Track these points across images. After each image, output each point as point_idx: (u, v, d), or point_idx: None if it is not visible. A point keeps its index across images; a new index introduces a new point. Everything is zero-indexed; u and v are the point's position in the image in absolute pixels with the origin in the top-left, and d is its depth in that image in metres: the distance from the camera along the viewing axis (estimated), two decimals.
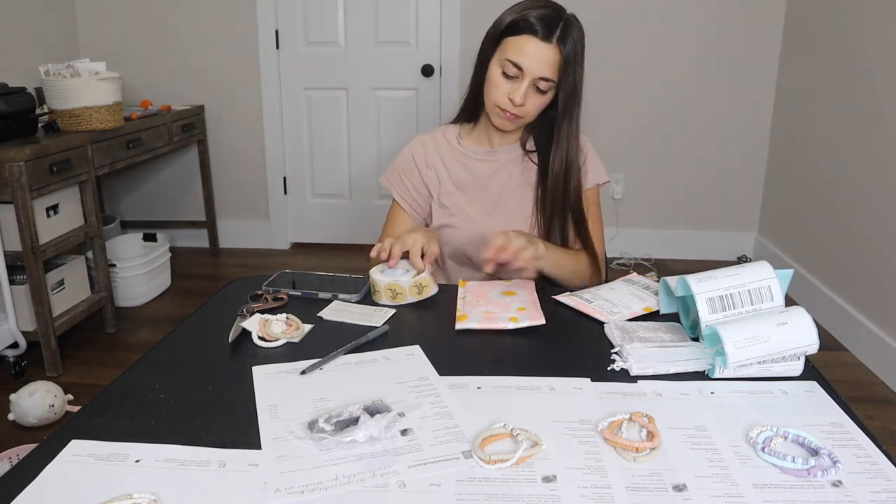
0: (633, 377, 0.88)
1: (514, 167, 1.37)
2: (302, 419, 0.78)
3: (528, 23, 1.19)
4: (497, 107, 1.26)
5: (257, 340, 0.99)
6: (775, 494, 0.66)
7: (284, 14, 3.35)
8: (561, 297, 1.13)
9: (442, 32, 3.30)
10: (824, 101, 2.77)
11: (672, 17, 3.19)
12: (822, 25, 2.81)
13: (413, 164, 1.41)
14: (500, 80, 1.24)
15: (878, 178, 2.37)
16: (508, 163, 1.37)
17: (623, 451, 0.72)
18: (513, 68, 1.21)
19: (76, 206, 2.48)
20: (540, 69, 1.20)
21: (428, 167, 1.40)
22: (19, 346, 2.30)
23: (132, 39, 3.44)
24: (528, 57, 1.19)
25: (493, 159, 1.38)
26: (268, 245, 3.69)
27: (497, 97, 1.25)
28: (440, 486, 0.68)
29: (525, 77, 1.21)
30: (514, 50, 1.20)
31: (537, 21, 1.18)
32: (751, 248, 3.47)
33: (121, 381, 0.89)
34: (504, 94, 1.24)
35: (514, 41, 1.21)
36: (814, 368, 0.91)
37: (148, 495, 0.65)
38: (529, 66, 1.20)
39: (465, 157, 1.39)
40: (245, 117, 3.51)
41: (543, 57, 1.19)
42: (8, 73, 2.88)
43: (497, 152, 1.38)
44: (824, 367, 0.96)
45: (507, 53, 1.21)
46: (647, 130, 3.36)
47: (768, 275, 0.89)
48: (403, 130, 3.48)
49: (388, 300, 1.12)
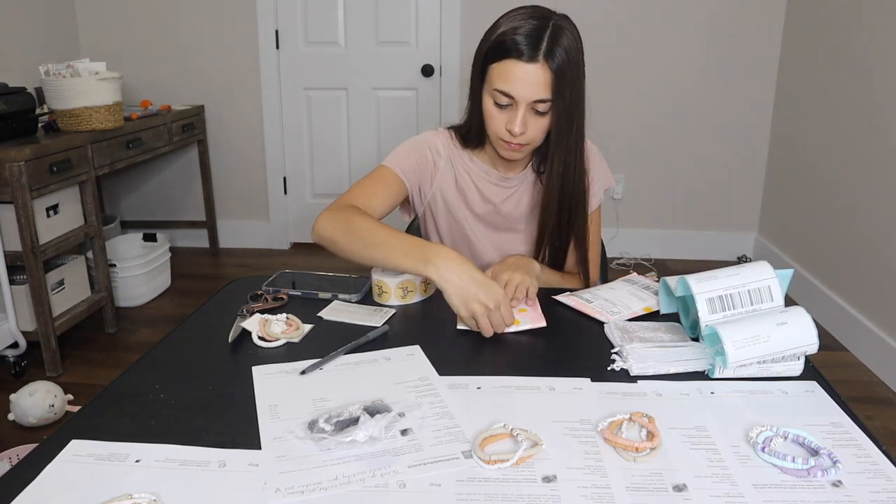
0: (633, 377, 0.88)
1: (525, 192, 1.31)
2: (302, 419, 0.78)
3: (509, 45, 1.08)
4: (500, 139, 1.17)
5: (257, 340, 0.99)
6: (775, 494, 0.66)
7: (284, 14, 3.35)
8: (561, 298, 1.13)
9: (442, 32, 3.30)
10: (824, 101, 2.77)
11: (672, 17, 3.19)
12: (822, 25, 2.81)
13: (429, 152, 1.29)
14: (495, 112, 1.14)
15: (879, 177, 2.37)
16: (520, 188, 1.31)
17: (623, 451, 0.72)
18: (503, 97, 1.11)
19: (76, 206, 2.48)
20: (532, 93, 1.09)
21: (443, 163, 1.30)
22: (19, 346, 2.30)
23: (132, 39, 3.44)
24: (515, 83, 1.09)
25: (506, 185, 1.30)
26: (268, 245, 3.69)
27: (496, 129, 1.16)
28: (440, 486, 0.68)
29: (519, 105, 1.11)
30: (500, 78, 1.10)
31: (521, 40, 1.07)
32: (751, 248, 3.47)
33: (121, 381, 0.89)
34: (502, 125, 1.15)
35: (499, 68, 1.10)
36: (814, 368, 0.91)
37: (148, 495, 0.65)
38: (519, 92, 1.09)
39: (479, 176, 1.31)
40: (245, 117, 3.51)
41: (532, 79, 1.08)
42: (8, 73, 2.88)
43: (510, 179, 1.30)
44: (824, 367, 0.96)
45: (495, 83, 1.11)
46: (647, 130, 3.36)
47: (768, 275, 0.89)
48: (403, 130, 3.48)
49: (399, 300, 1.12)
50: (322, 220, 1.16)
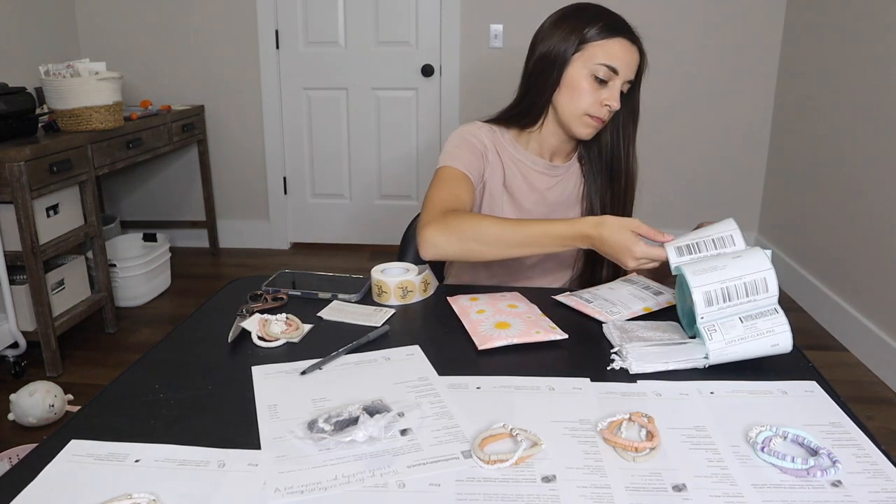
0: (633, 377, 0.88)
1: (568, 182, 1.34)
2: (302, 419, 0.78)
3: (619, 27, 1.19)
4: (587, 115, 1.21)
5: (257, 340, 0.99)
6: (775, 494, 0.66)
7: (284, 14, 3.36)
8: (561, 298, 1.13)
9: (442, 32, 3.30)
10: (824, 102, 2.77)
11: (672, 17, 3.19)
12: (823, 25, 2.81)
13: (478, 144, 1.29)
14: (589, 87, 1.19)
15: (879, 177, 2.37)
16: (565, 178, 1.33)
17: (623, 451, 0.72)
18: (608, 72, 1.18)
19: (76, 206, 2.48)
20: (630, 71, 1.20)
21: (491, 156, 1.30)
22: (19, 346, 2.30)
23: (132, 39, 3.44)
24: (622, 60, 1.18)
25: (553, 174, 1.32)
26: (268, 245, 3.69)
27: (587, 105, 1.20)
28: (440, 486, 0.68)
29: (618, 80, 1.19)
30: (607, 54, 1.18)
31: (625, 25, 1.20)
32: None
33: (121, 381, 0.89)
34: (597, 101, 1.20)
35: (608, 44, 1.18)
36: (814, 368, 0.91)
37: (148, 495, 0.65)
38: (624, 68, 1.18)
39: (525, 165, 1.31)
40: (245, 117, 3.51)
41: (633, 60, 1.20)
42: (8, 73, 2.89)
43: (557, 168, 1.32)
44: (824, 367, 0.96)
45: (600, 58, 1.18)
46: (646, 130, 3.34)
47: (764, 266, 0.91)
48: (403, 130, 3.48)
49: (398, 300, 1.12)
50: (435, 237, 1.10)
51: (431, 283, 1.16)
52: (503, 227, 1.08)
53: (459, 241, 1.09)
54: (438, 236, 1.09)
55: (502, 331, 0.97)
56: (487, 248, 1.09)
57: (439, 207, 1.15)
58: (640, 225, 1.01)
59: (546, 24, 1.25)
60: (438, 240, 1.09)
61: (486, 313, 1.03)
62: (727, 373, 0.89)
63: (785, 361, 0.93)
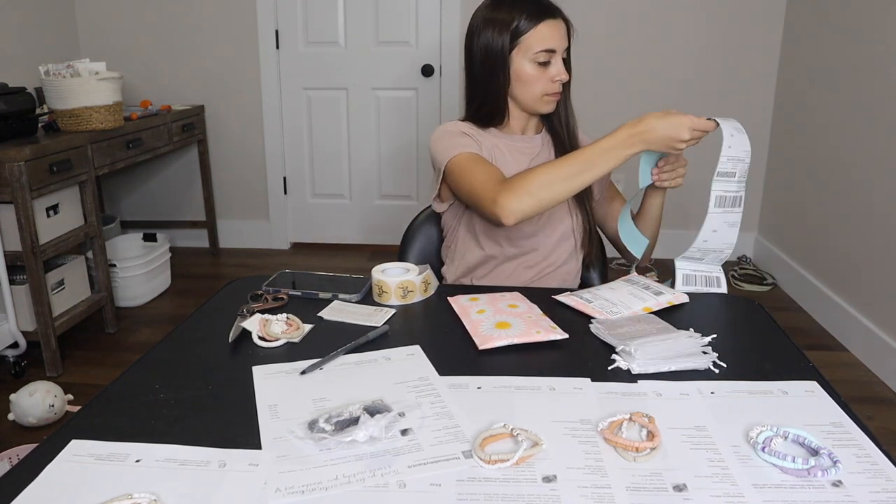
0: (634, 377, 0.88)
1: (545, 147, 1.42)
2: (302, 419, 0.78)
3: (537, 12, 1.26)
4: (544, 95, 1.31)
5: (257, 340, 0.99)
6: (775, 494, 0.66)
7: (284, 14, 3.35)
8: (561, 297, 1.13)
9: (442, 32, 3.30)
10: (824, 102, 2.77)
11: (671, 17, 3.19)
12: (823, 25, 2.81)
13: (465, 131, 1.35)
14: (535, 74, 1.28)
15: (879, 177, 2.37)
16: (542, 147, 1.42)
17: (623, 451, 0.72)
18: (546, 55, 1.27)
19: (76, 206, 2.48)
20: (563, 42, 1.29)
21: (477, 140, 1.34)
22: (19, 346, 2.30)
23: (132, 39, 3.44)
24: (553, 38, 1.26)
25: (532, 144, 1.41)
26: (268, 245, 3.69)
27: (542, 87, 1.30)
28: (440, 486, 0.68)
29: (557, 55, 1.28)
30: (540, 40, 1.26)
31: (540, 5, 1.26)
32: (751, 248, 3.47)
33: (121, 381, 0.89)
34: (548, 81, 1.29)
35: (535, 33, 1.26)
36: (814, 368, 0.91)
37: (148, 495, 0.65)
38: (559, 43, 1.27)
39: (507, 144, 1.38)
40: (245, 117, 3.51)
41: (562, 31, 1.28)
42: (8, 73, 2.89)
43: (533, 139, 1.41)
44: (824, 367, 0.96)
45: (535, 47, 1.26)
46: None
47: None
48: (403, 130, 3.48)
49: (399, 300, 1.12)
50: (512, 204, 1.16)
51: (432, 283, 1.16)
52: (558, 167, 1.16)
53: (531, 196, 1.16)
54: (513, 202, 1.16)
55: (503, 331, 0.97)
56: (556, 190, 1.16)
57: (493, 183, 1.21)
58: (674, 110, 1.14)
59: (474, 23, 1.32)
60: (514, 205, 1.16)
61: (487, 313, 1.04)
62: (728, 373, 0.89)
63: (785, 361, 0.93)
